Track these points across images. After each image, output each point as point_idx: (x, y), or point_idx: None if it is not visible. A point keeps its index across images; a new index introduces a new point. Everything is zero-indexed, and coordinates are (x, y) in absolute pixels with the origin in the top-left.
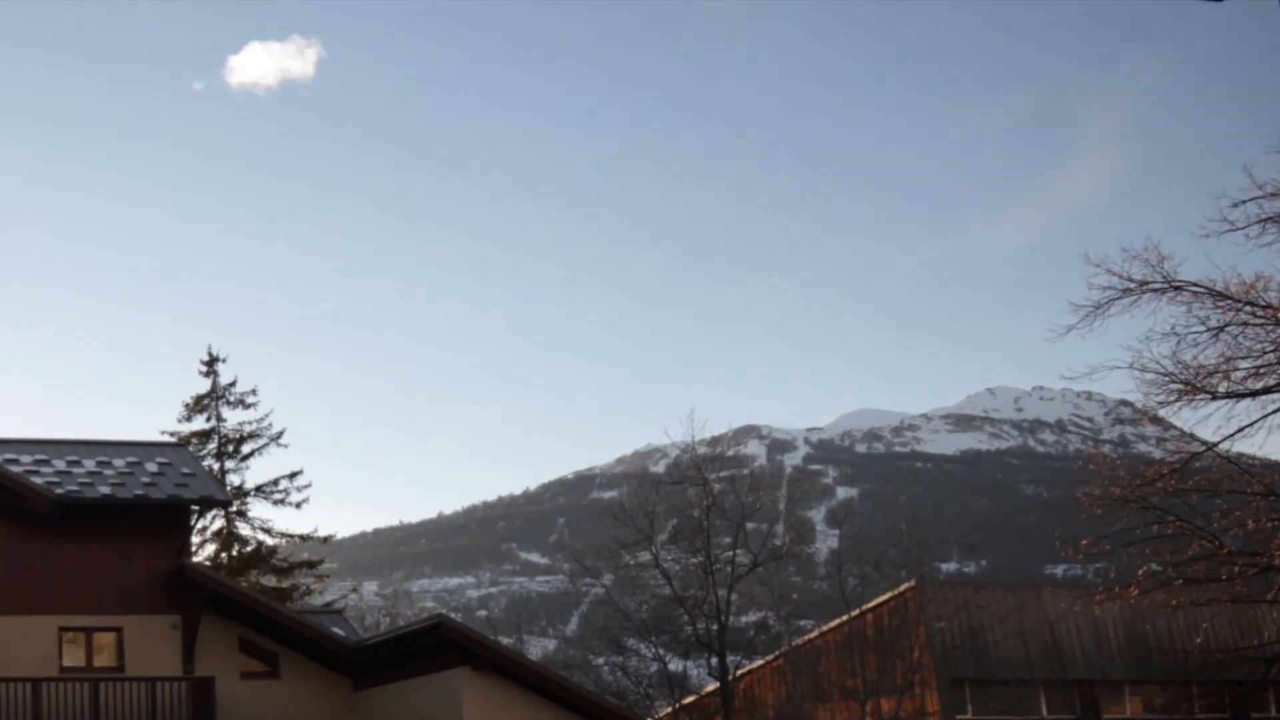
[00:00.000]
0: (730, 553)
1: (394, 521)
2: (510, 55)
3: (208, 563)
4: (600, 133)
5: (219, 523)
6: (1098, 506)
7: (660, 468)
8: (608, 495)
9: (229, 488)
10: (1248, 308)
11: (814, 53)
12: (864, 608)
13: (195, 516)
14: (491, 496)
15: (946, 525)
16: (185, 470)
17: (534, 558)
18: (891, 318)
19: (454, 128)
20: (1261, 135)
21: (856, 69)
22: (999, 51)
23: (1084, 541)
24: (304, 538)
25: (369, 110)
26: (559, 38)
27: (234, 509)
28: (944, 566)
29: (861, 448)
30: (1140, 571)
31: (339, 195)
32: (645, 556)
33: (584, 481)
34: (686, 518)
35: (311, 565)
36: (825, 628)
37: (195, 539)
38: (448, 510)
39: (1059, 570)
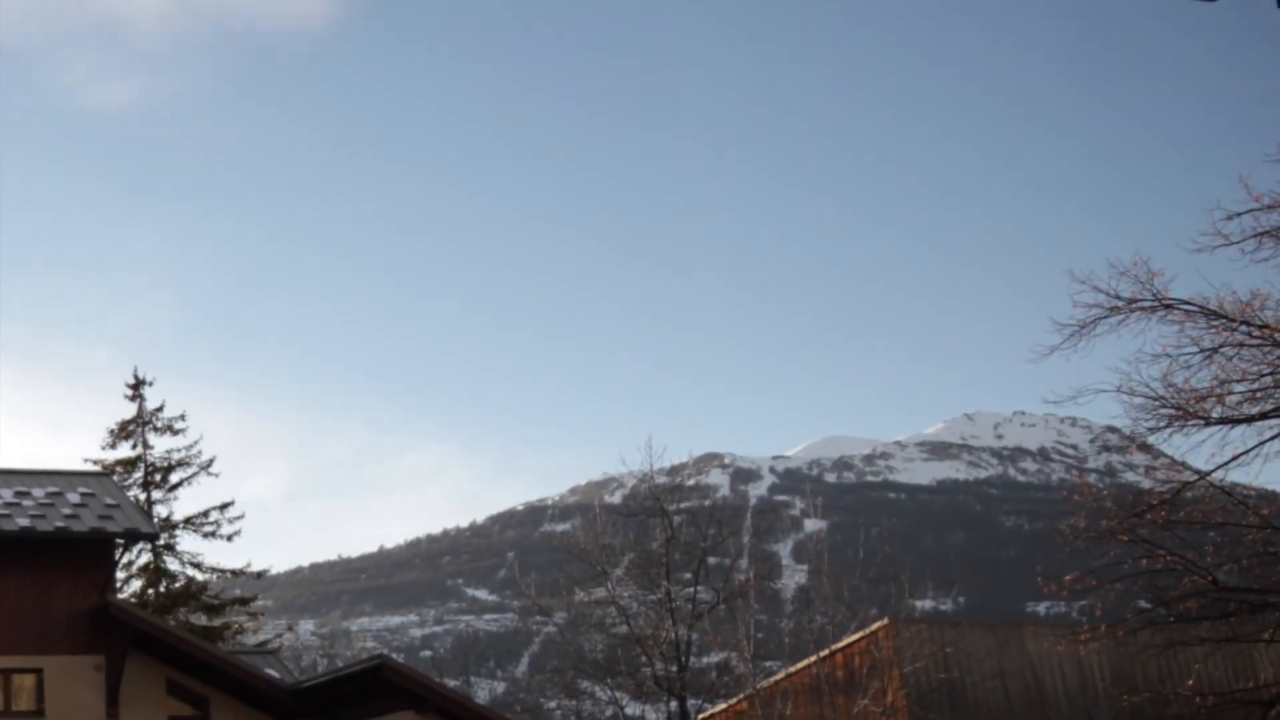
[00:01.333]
0: (691, 589)
1: (332, 556)
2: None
3: (133, 600)
4: (558, 157)
5: (145, 557)
6: (1082, 539)
7: (616, 498)
8: (560, 528)
9: (156, 519)
10: (1243, 327)
11: (792, 77)
12: (833, 648)
13: (120, 550)
14: (436, 530)
15: (921, 559)
16: (109, 501)
17: (481, 595)
18: (864, 339)
19: (400, 150)
20: (1257, 144)
21: (829, 88)
22: (978, 63)
23: (1068, 577)
24: (236, 573)
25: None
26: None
27: (161, 542)
28: (919, 604)
29: (831, 477)
30: (1128, 609)
31: (280, 215)
32: (600, 593)
33: (535, 513)
34: (644, 552)
35: (244, 602)
36: (792, 669)
37: (120, 574)
38: (389, 544)
39: (1041, 608)
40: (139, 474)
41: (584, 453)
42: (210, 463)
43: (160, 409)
